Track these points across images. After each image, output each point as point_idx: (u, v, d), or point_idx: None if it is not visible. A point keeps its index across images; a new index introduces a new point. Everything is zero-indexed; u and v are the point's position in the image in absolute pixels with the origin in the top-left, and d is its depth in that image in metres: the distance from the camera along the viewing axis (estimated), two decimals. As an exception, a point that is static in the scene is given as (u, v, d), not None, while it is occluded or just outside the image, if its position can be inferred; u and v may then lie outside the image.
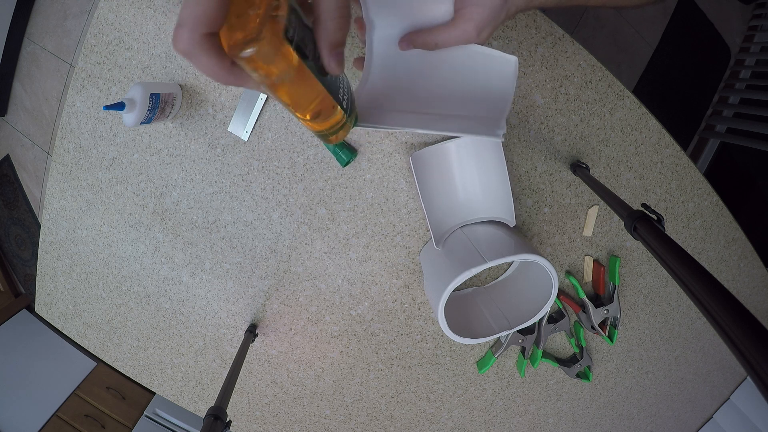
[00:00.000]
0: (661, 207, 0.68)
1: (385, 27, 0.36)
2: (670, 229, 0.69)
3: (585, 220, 0.67)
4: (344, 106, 0.31)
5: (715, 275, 0.30)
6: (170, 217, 0.68)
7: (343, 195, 0.64)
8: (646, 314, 0.75)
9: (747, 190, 1.56)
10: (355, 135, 0.62)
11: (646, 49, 1.57)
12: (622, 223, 0.53)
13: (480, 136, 0.44)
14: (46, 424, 1.48)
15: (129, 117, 0.54)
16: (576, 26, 1.52)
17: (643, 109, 0.63)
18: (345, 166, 0.62)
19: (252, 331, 0.70)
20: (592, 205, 0.66)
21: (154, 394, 1.63)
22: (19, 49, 1.61)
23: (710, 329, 0.78)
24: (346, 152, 0.60)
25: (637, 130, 0.64)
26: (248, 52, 0.21)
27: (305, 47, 0.24)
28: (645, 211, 0.44)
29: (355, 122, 0.35)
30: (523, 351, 0.73)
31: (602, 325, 0.71)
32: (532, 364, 0.73)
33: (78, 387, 1.60)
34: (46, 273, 0.76)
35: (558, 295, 0.70)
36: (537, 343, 0.71)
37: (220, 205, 0.67)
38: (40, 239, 0.73)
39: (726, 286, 0.28)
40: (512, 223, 0.61)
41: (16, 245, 1.87)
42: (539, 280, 0.59)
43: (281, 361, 0.75)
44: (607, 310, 0.70)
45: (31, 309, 1.84)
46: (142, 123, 0.56)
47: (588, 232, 0.67)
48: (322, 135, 0.32)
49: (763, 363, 0.23)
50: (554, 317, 0.72)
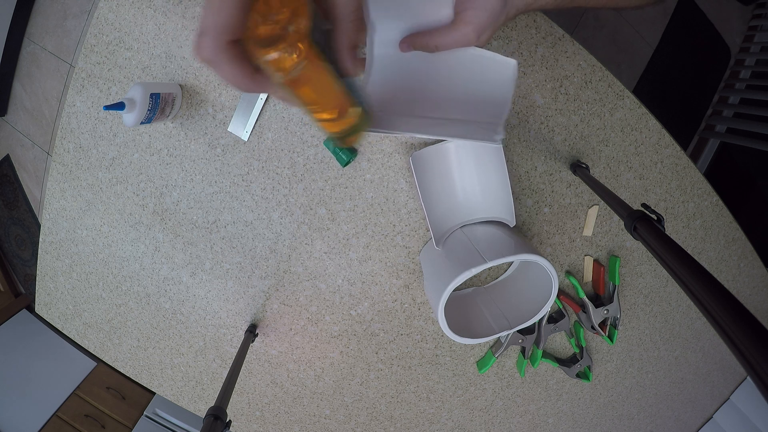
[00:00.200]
0: (661, 207, 0.68)
1: (386, 29, 0.36)
2: (670, 229, 0.69)
3: (585, 220, 0.67)
4: (363, 107, 0.32)
5: (715, 275, 0.30)
6: (170, 217, 0.68)
7: (343, 195, 0.64)
8: (646, 314, 0.75)
9: (747, 190, 1.56)
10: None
11: (646, 49, 1.57)
12: (622, 223, 0.53)
13: (478, 141, 0.44)
14: (46, 424, 1.48)
15: (129, 117, 0.54)
16: (576, 26, 1.52)
17: (643, 109, 0.63)
18: (345, 166, 0.62)
19: (252, 331, 0.70)
20: (592, 205, 0.66)
21: (154, 394, 1.63)
22: (19, 49, 1.61)
23: (710, 329, 0.78)
24: (346, 152, 0.60)
25: (637, 130, 0.64)
26: (275, 55, 0.21)
27: (326, 50, 0.25)
28: (645, 211, 0.44)
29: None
30: (523, 351, 0.73)
31: (602, 325, 0.71)
32: (532, 364, 0.73)
33: (78, 387, 1.60)
34: (46, 273, 0.76)
35: (558, 295, 0.70)
36: (537, 343, 0.71)
37: (220, 205, 0.67)
38: (40, 239, 0.73)
39: (726, 286, 0.28)
40: (512, 223, 0.61)
41: (16, 245, 1.87)
42: (539, 280, 0.59)
43: (281, 361, 0.75)
44: (607, 310, 0.70)
45: (31, 309, 1.84)
46: (142, 123, 0.56)
47: (588, 232, 0.67)
48: (341, 137, 0.32)
49: (763, 363, 0.23)
50: (554, 317, 0.72)
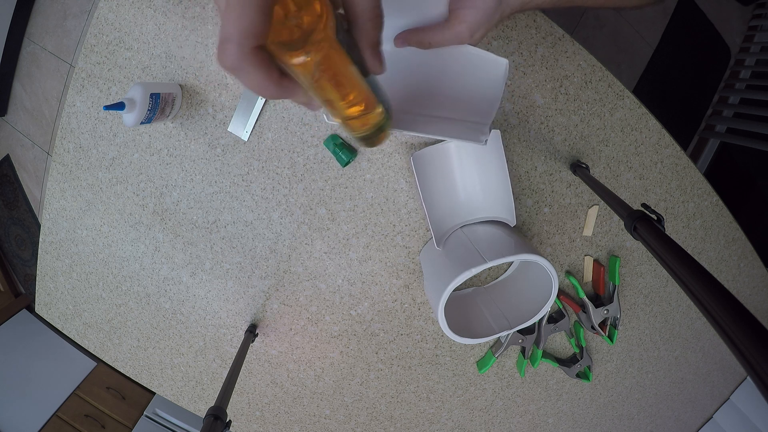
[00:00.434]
0: (661, 207, 0.68)
1: None
2: (670, 229, 0.69)
3: (585, 220, 0.67)
4: (386, 106, 0.31)
5: (715, 275, 0.30)
6: (170, 217, 0.68)
7: (343, 195, 0.64)
8: (646, 314, 0.75)
9: (747, 190, 1.56)
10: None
11: (646, 49, 1.57)
12: (622, 223, 0.53)
13: (465, 140, 0.44)
14: (46, 424, 1.48)
15: (129, 117, 0.54)
16: (576, 26, 1.52)
17: (643, 109, 0.63)
18: (345, 166, 0.62)
19: (252, 331, 0.70)
20: (592, 205, 0.66)
21: (154, 394, 1.63)
22: (19, 49, 1.61)
23: (710, 329, 0.78)
24: (346, 152, 0.60)
25: (637, 130, 0.64)
26: (303, 58, 0.20)
27: (348, 49, 0.24)
28: (645, 211, 0.44)
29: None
30: (523, 351, 0.73)
31: (602, 325, 0.71)
32: (532, 364, 0.73)
33: (78, 387, 1.60)
34: (46, 273, 0.76)
35: (558, 295, 0.70)
36: (537, 343, 0.71)
37: (220, 205, 0.66)
38: (40, 239, 0.73)
39: (726, 286, 0.28)
40: (512, 223, 0.61)
41: (16, 245, 1.87)
42: (539, 280, 0.59)
43: (281, 361, 0.75)
44: (607, 310, 0.70)
45: (31, 309, 1.84)
46: (142, 123, 0.55)
47: (588, 232, 0.67)
48: (366, 137, 0.32)
49: (763, 363, 0.23)
50: (554, 317, 0.72)
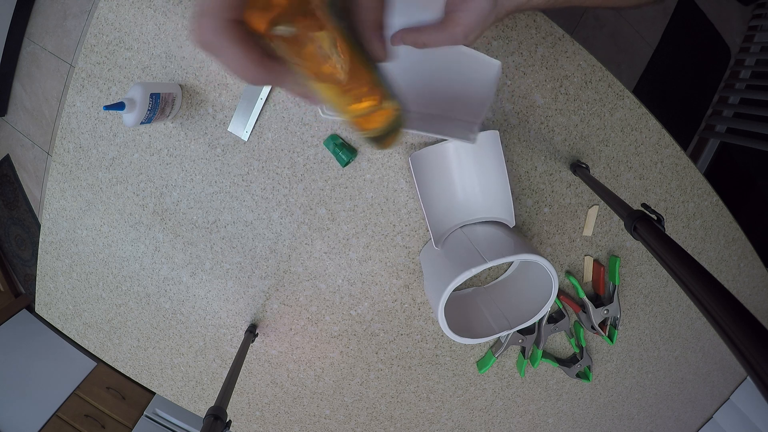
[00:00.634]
0: (661, 207, 0.68)
1: None
2: (670, 229, 0.69)
3: (585, 220, 0.67)
4: (398, 102, 0.27)
5: (715, 275, 0.30)
6: (170, 217, 0.68)
7: (343, 195, 0.64)
8: (646, 314, 0.75)
9: (747, 190, 1.56)
10: (355, 135, 0.62)
11: (646, 49, 1.56)
12: (622, 223, 0.53)
13: (454, 139, 0.44)
14: (46, 424, 1.48)
15: (129, 117, 0.54)
16: (576, 26, 1.52)
17: (643, 109, 0.63)
18: (345, 166, 0.62)
19: (252, 331, 0.70)
20: (592, 205, 0.66)
21: (154, 394, 1.63)
22: (19, 49, 1.61)
23: (710, 329, 0.78)
24: (346, 152, 0.60)
25: (637, 130, 0.64)
26: (286, 29, 0.17)
27: (351, 34, 0.21)
28: (645, 211, 0.44)
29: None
30: (523, 351, 0.73)
31: (602, 325, 0.71)
32: (532, 364, 0.73)
33: (78, 387, 1.60)
34: (46, 273, 0.76)
35: (558, 295, 0.70)
36: (537, 343, 0.71)
37: (220, 205, 0.66)
38: (40, 239, 0.73)
39: (726, 286, 0.28)
40: (512, 223, 0.61)
41: (16, 245, 1.87)
42: (539, 280, 0.59)
43: (281, 361, 0.75)
44: (607, 310, 0.70)
45: (31, 309, 1.84)
46: (142, 123, 0.56)
47: (588, 232, 0.67)
48: (377, 138, 0.28)
49: (763, 363, 0.23)
50: (554, 317, 0.72)
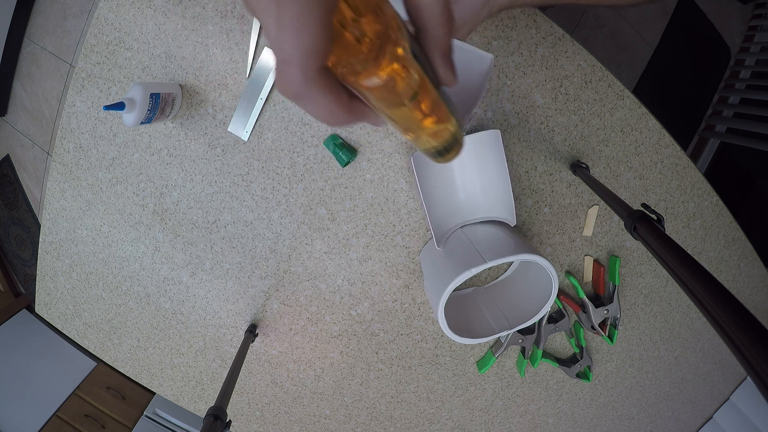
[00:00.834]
0: (661, 207, 0.68)
1: None
2: (670, 229, 0.69)
3: (585, 220, 0.67)
4: (457, 117, 0.28)
5: (715, 275, 0.30)
6: (170, 217, 0.68)
7: (343, 195, 0.64)
8: (646, 314, 0.75)
9: (747, 190, 1.56)
10: (355, 135, 0.62)
11: (646, 49, 1.56)
12: (622, 223, 0.53)
13: None
14: (46, 424, 1.48)
15: (129, 117, 0.54)
16: (576, 26, 1.52)
17: (643, 109, 0.63)
18: (345, 166, 0.62)
19: (252, 331, 0.70)
20: (592, 205, 0.66)
21: (154, 394, 1.63)
22: (19, 49, 1.61)
23: (710, 329, 0.78)
24: (346, 152, 0.60)
25: (637, 130, 0.64)
26: (377, 77, 0.17)
27: (427, 65, 0.21)
28: (645, 211, 0.44)
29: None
30: (523, 351, 0.73)
31: (602, 325, 0.71)
32: (532, 364, 0.73)
33: (78, 387, 1.60)
34: (46, 273, 0.76)
35: (558, 295, 0.70)
36: (537, 343, 0.71)
37: (220, 205, 0.66)
38: (40, 239, 0.73)
39: (726, 286, 0.28)
40: (513, 222, 0.61)
41: (16, 245, 1.87)
42: (539, 280, 0.59)
43: (281, 361, 0.75)
44: (607, 310, 0.70)
45: (31, 309, 1.84)
46: (142, 123, 0.55)
47: (588, 232, 0.67)
48: (438, 152, 0.29)
49: (763, 363, 0.23)
50: (554, 317, 0.72)
